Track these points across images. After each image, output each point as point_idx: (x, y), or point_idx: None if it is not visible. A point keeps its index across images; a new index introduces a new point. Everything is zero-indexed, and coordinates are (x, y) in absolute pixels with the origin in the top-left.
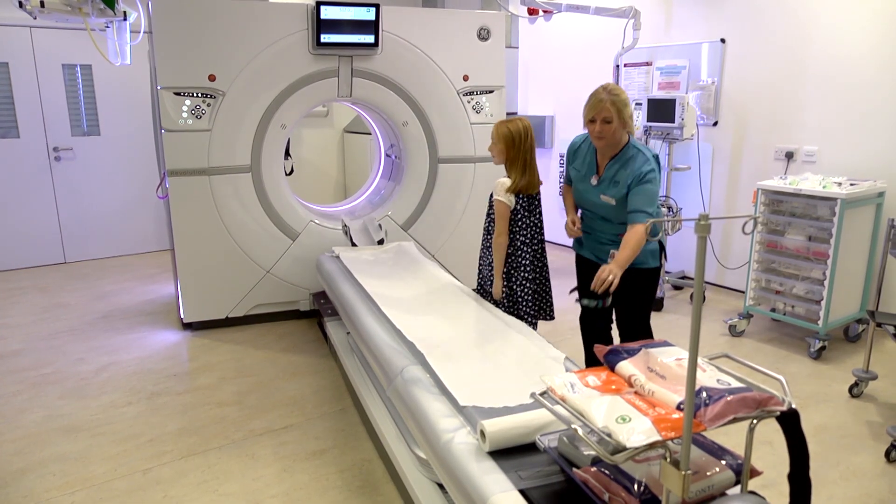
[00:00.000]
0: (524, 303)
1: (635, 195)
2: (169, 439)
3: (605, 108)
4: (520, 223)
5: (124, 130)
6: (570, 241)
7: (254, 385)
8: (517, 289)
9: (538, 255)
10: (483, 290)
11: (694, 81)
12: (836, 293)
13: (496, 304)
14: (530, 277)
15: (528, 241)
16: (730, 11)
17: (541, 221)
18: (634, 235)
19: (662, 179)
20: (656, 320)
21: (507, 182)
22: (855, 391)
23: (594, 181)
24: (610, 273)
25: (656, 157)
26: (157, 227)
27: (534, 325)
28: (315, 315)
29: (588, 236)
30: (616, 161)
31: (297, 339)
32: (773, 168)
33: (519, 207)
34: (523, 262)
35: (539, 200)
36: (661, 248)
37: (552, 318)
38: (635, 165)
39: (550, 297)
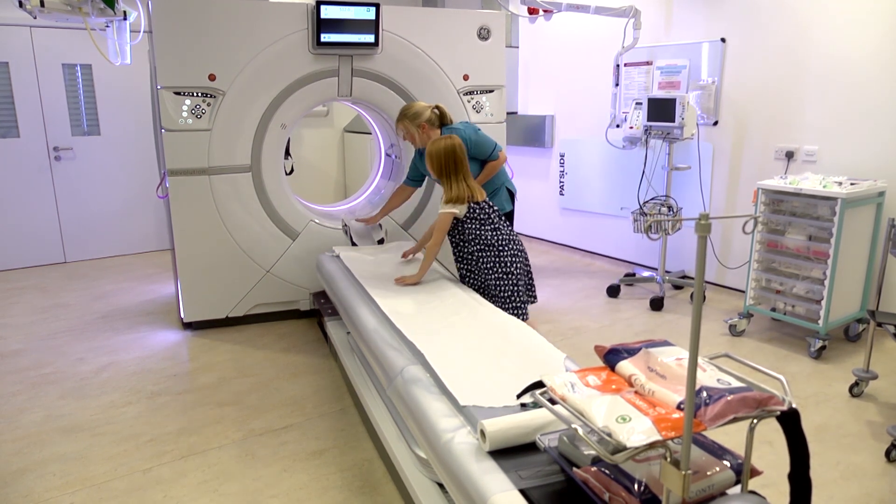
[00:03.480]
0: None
1: None
2: (169, 439)
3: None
4: (469, 234)
5: (124, 130)
6: (569, 242)
7: (254, 385)
8: (490, 288)
9: (503, 259)
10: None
11: (694, 81)
12: (837, 293)
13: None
14: (493, 278)
15: (484, 247)
16: (730, 11)
17: (502, 228)
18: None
19: (662, 178)
20: (656, 320)
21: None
22: (855, 391)
23: None
24: None
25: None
26: (157, 227)
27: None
28: (315, 315)
29: None
30: None
31: (297, 339)
32: (774, 168)
33: (467, 217)
34: (482, 265)
35: (495, 211)
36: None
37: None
38: None
39: (520, 299)
